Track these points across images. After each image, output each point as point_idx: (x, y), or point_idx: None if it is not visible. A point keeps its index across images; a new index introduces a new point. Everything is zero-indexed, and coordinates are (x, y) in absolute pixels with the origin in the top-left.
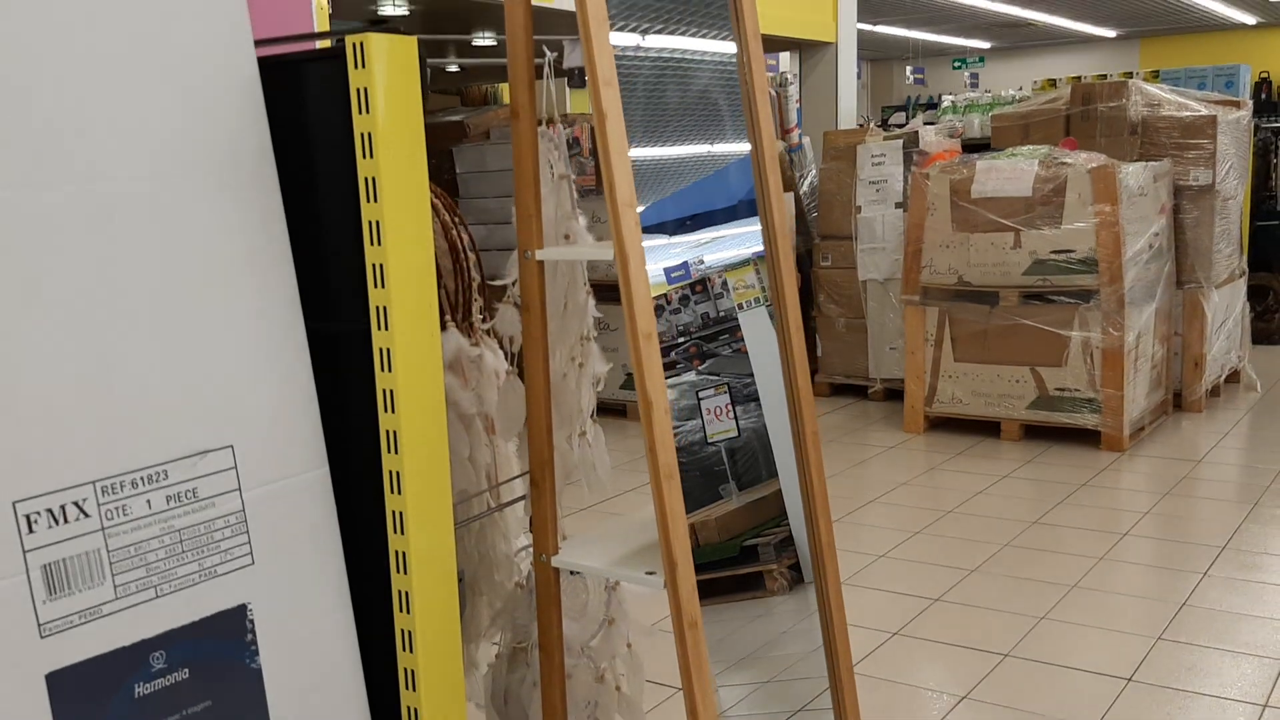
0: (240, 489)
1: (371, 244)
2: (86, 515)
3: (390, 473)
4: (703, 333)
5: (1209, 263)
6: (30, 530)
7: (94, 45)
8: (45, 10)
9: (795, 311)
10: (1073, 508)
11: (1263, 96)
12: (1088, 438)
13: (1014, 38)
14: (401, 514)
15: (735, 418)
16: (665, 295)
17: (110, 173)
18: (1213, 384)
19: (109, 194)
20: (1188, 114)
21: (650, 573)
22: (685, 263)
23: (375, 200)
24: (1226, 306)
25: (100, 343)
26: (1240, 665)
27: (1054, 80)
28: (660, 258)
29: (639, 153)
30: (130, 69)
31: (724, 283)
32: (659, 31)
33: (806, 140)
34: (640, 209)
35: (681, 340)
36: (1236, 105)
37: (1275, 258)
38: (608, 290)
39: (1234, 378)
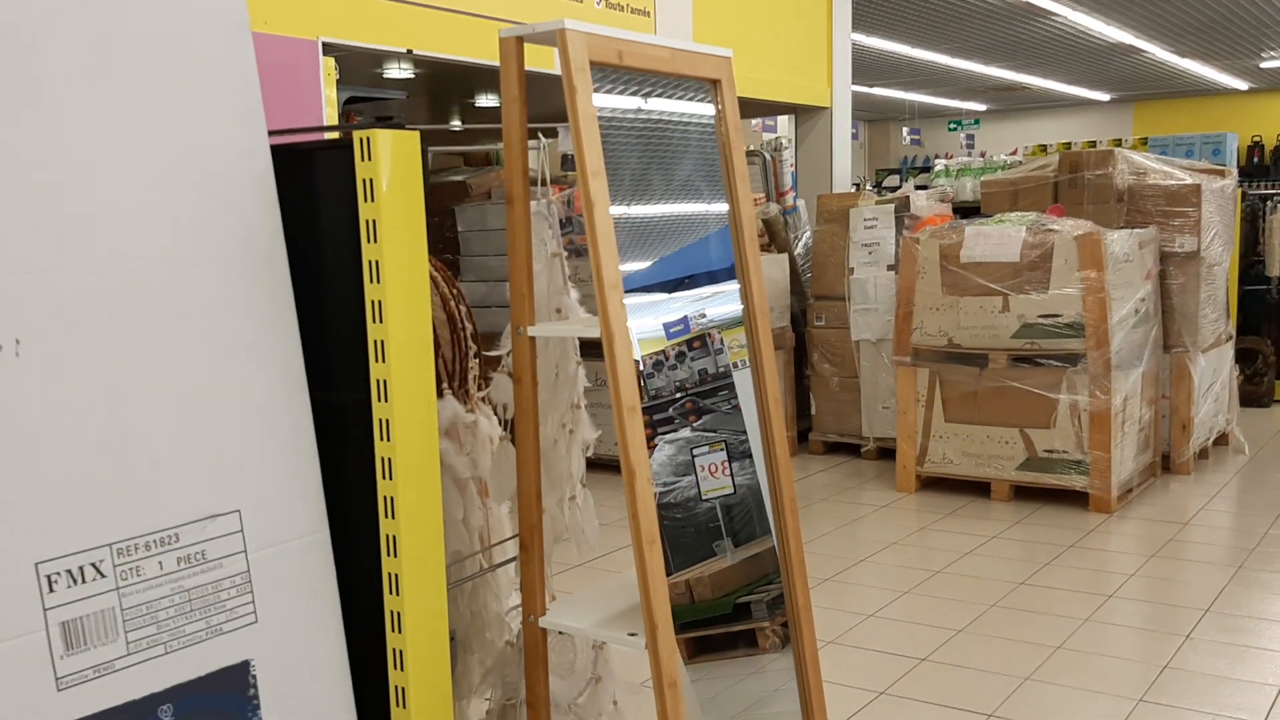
0: (246, 551)
1: (374, 321)
2: (103, 575)
3: (387, 536)
4: (700, 389)
5: (1195, 327)
6: (51, 589)
7: (120, 141)
8: (76, 109)
9: (774, 383)
10: (1060, 569)
11: (1254, 160)
12: (1076, 499)
13: (1009, 100)
14: (397, 576)
15: (731, 474)
16: (664, 351)
17: (132, 255)
18: (1201, 446)
19: (130, 275)
20: (1173, 182)
21: (632, 634)
22: (685, 317)
23: (378, 281)
24: (1214, 370)
25: (118, 413)
26: None
27: (1044, 146)
28: (660, 313)
29: (638, 209)
30: (154, 162)
31: (722, 340)
32: (653, 95)
33: (801, 202)
34: (644, 265)
35: (679, 395)
36: (1221, 173)
37: (1263, 321)
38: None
39: (1222, 440)
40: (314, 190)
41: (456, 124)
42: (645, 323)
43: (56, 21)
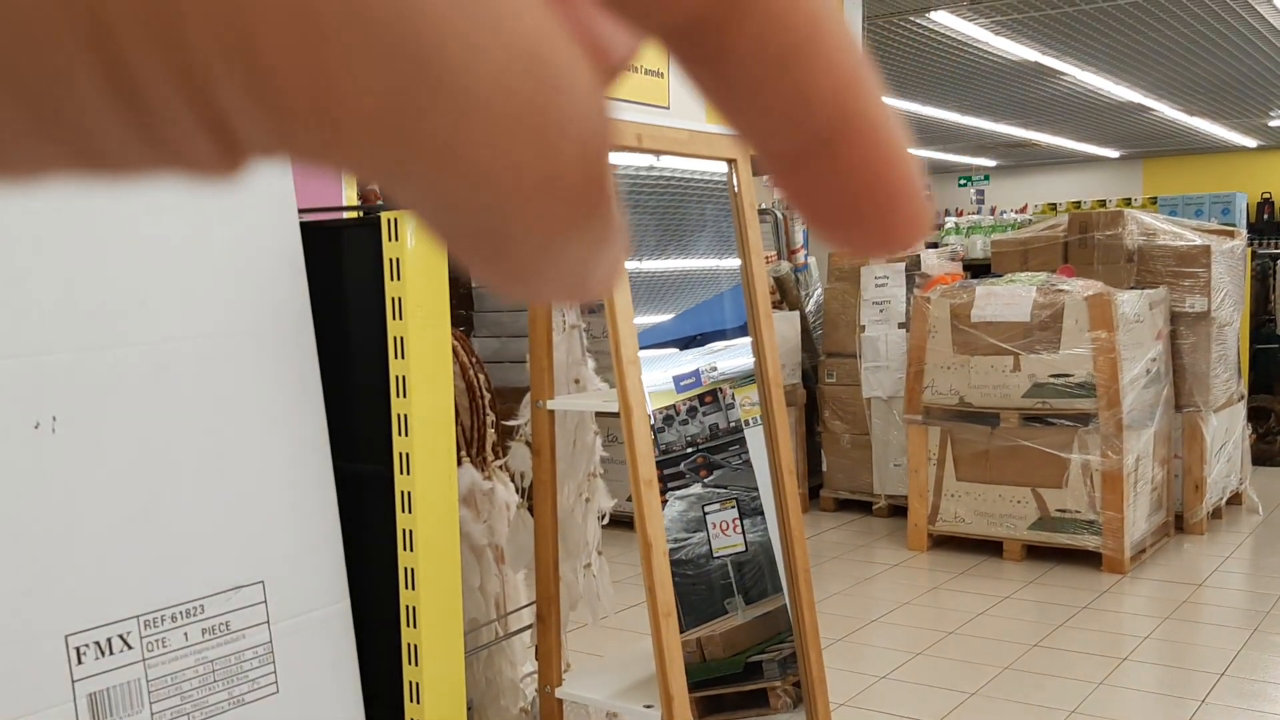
0: (269, 621)
1: (398, 396)
2: (130, 647)
3: (407, 607)
4: (711, 444)
5: (1207, 387)
6: (79, 661)
7: (161, 228)
8: (122, 205)
9: (787, 453)
10: (1074, 630)
11: (1265, 217)
12: (1089, 559)
13: (1019, 156)
14: (416, 646)
15: (743, 531)
16: (674, 406)
17: (165, 334)
18: (1214, 506)
19: (163, 352)
20: (1183, 243)
21: (648, 706)
22: (696, 370)
23: (403, 357)
24: (1226, 430)
25: (148, 486)
26: None
27: (1054, 205)
28: (671, 366)
29: (651, 265)
30: (192, 248)
31: (733, 395)
32: (674, 155)
33: (812, 260)
34: (656, 320)
35: (690, 451)
36: (1231, 234)
37: (1275, 380)
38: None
39: (1236, 500)
40: (340, 266)
41: None
42: (655, 376)
43: None
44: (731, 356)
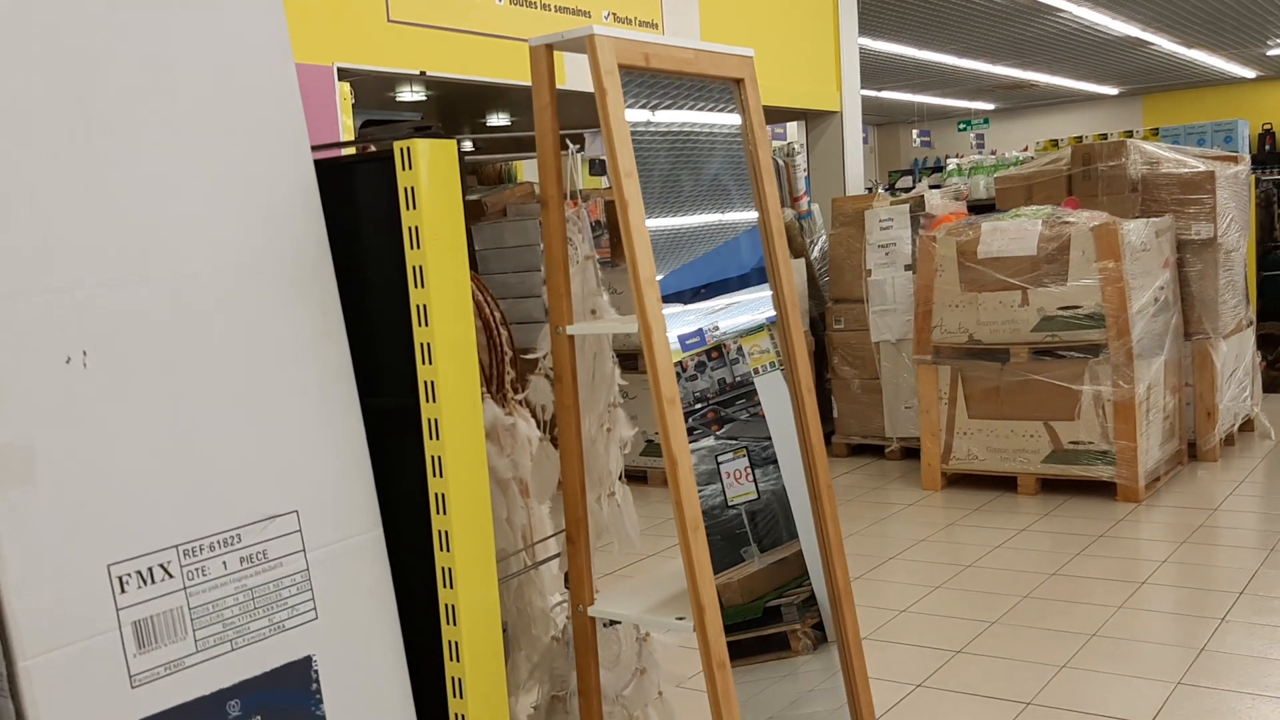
0: (305, 549)
1: (419, 325)
2: (171, 576)
3: (439, 532)
4: (720, 398)
5: (1215, 314)
6: (123, 590)
7: (178, 162)
8: (138, 132)
9: (806, 370)
10: (1091, 558)
11: (1266, 148)
12: (1104, 490)
13: (1017, 98)
14: (450, 570)
15: (755, 480)
16: (681, 362)
17: (190, 270)
18: (1226, 433)
19: (189, 288)
20: (1186, 170)
21: (680, 618)
22: (700, 329)
23: (422, 286)
24: (1236, 356)
25: (181, 419)
26: (1260, 707)
27: (1056, 141)
28: (675, 325)
29: (653, 223)
30: (209, 181)
31: (739, 348)
32: (671, 107)
33: (815, 207)
34: (661, 276)
35: (699, 406)
36: (1234, 160)
37: None
38: (627, 359)
39: (1248, 426)
40: (355, 202)
41: (468, 144)
42: None
43: (119, 49)
44: (736, 314)
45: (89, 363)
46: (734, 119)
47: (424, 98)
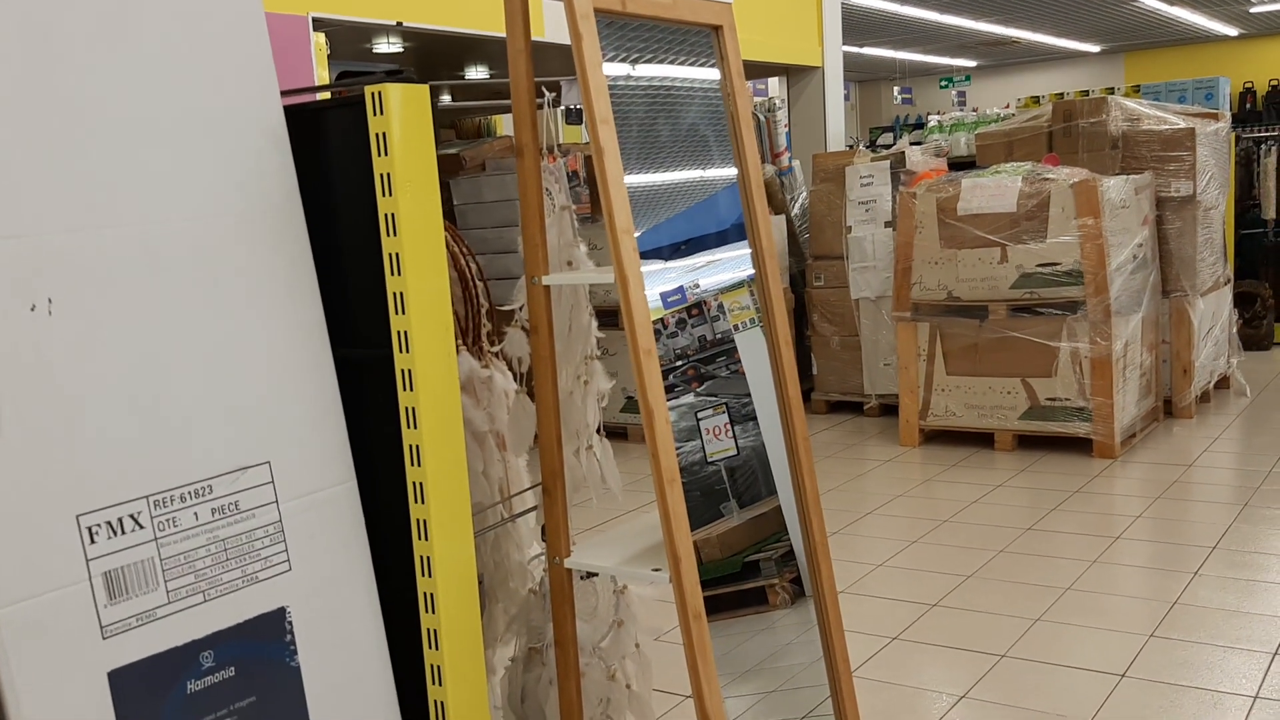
0: (277, 501)
1: (392, 274)
2: (141, 527)
3: (414, 484)
4: (700, 355)
5: (1193, 271)
6: (92, 541)
7: (142, 106)
8: (97, 75)
9: (785, 326)
10: (1066, 514)
11: (1247, 106)
12: (1080, 446)
13: (1000, 55)
14: (425, 521)
15: (734, 436)
16: (662, 320)
17: (156, 216)
18: (1202, 390)
19: (155, 235)
20: (1166, 127)
21: (656, 569)
22: (680, 287)
23: (395, 234)
24: (1213, 314)
25: (150, 368)
26: (1230, 659)
27: (1037, 98)
28: (656, 283)
29: (631, 179)
30: (175, 125)
31: (720, 305)
32: (649, 61)
33: (796, 163)
34: (639, 233)
35: (679, 363)
36: (1215, 117)
37: (1261, 264)
38: (605, 315)
39: (1224, 384)
40: (327, 149)
41: (446, 98)
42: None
43: None
44: (716, 271)
45: (54, 310)
46: (714, 74)
47: (401, 49)
